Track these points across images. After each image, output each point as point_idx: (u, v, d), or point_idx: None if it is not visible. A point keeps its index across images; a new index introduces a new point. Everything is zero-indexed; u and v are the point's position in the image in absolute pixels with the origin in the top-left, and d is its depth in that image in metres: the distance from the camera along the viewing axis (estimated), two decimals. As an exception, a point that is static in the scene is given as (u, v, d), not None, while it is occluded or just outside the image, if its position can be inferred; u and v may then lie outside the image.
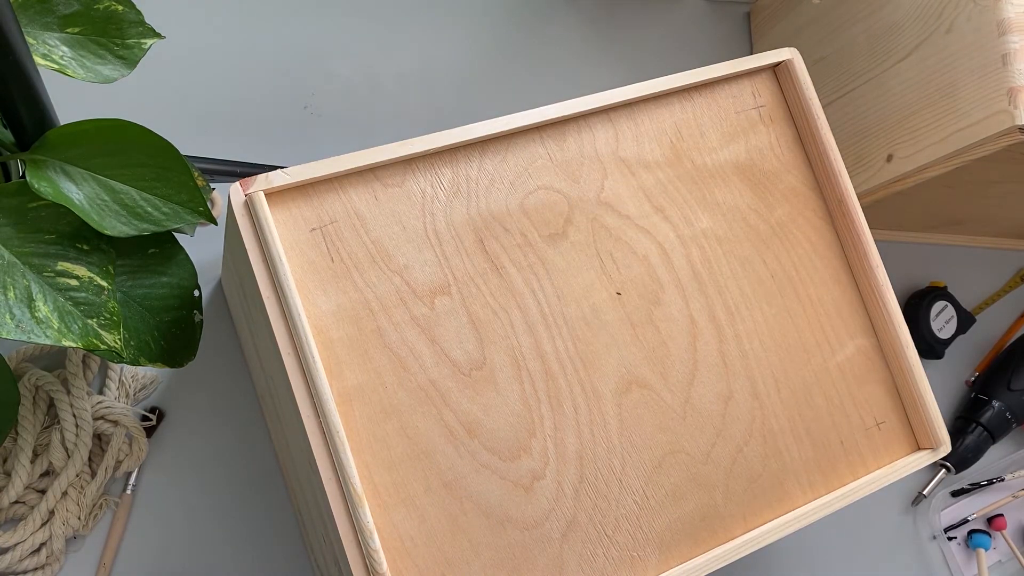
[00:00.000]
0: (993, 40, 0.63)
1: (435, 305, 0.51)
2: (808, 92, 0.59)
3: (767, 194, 0.59)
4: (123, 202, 0.48)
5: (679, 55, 0.91)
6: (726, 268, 0.57)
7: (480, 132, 0.52)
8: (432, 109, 0.82)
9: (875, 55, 0.76)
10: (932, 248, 0.94)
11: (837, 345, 0.60)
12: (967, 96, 0.65)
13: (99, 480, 0.64)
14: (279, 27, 0.80)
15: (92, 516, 0.64)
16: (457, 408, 0.50)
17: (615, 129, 0.56)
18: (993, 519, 0.89)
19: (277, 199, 0.48)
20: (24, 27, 0.49)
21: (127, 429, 0.66)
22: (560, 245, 0.54)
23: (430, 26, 0.84)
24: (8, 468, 0.63)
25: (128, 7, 0.52)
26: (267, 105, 0.77)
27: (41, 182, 0.46)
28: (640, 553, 0.53)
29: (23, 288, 0.45)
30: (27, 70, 0.44)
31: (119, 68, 0.53)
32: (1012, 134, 0.61)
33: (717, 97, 0.59)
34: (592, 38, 0.89)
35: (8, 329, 0.44)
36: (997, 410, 0.88)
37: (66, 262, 0.46)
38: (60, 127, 0.47)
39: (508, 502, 0.50)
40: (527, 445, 0.51)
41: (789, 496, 0.57)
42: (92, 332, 0.46)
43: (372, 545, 0.45)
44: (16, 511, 0.64)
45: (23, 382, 0.64)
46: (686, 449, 0.55)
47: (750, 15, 0.96)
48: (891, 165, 0.73)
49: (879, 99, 0.76)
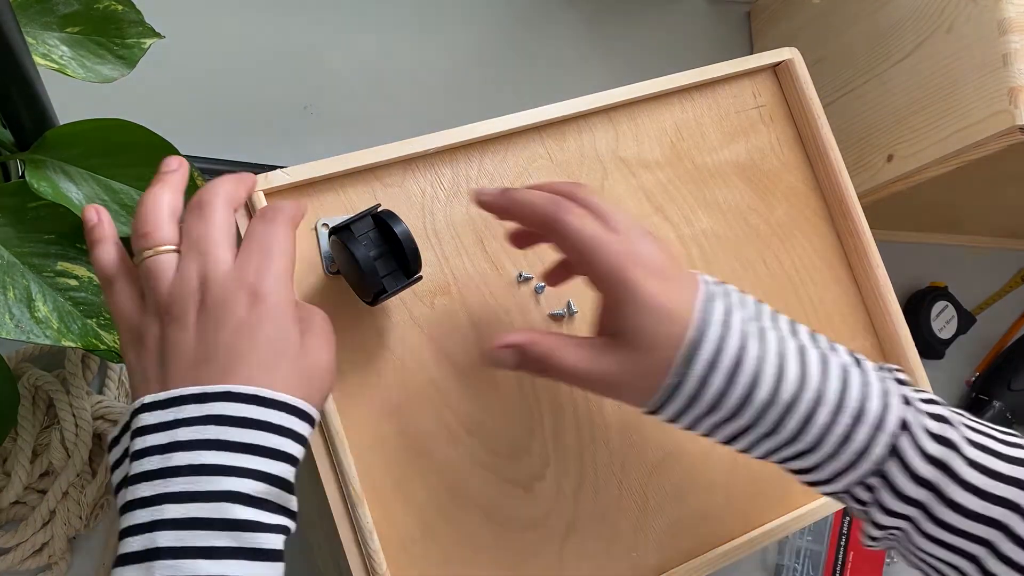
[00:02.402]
0: (993, 40, 0.63)
1: (435, 305, 0.51)
2: (808, 92, 0.59)
3: (767, 194, 0.59)
4: (122, 202, 0.48)
5: (679, 55, 0.91)
6: (726, 268, 0.57)
7: (480, 132, 0.52)
8: (432, 109, 0.82)
9: (875, 55, 0.76)
10: (932, 248, 0.94)
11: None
12: (967, 96, 0.65)
13: (99, 480, 0.64)
14: (279, 27, 0.80)
15: (93, 516, 0.64)
16: (457, 408, 0.50)
17: (615, 129, 0.56)
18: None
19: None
20: (24, 27, 0.49)
21: (127, 429, 0.66)
22: (560, 245, 0.54)
23: (430, 26, 0.84)
24: (8, 468, 0.63)
25: (128, 7, 0.52)
26: (267, 105, 0.77)
27: (40, 182, 0.46)
28: (640, 553, 0.53)
29: (23, 288, 0.45)
30: (26, 70, 0.44)
31: (119, 68, 0.53)
32: (1012, 134, 0.61)
33: (717, 97, 0.59)
34: (592, 38, 0.89)
35: (8, 329, 0.44)
36: (998, 410, 0.88)
37: (66, 262, 0.46)
38: (60, 127, 0.47)
39: (508, 502, 0.50)
40: (527, 445, 0.51)
41: (790, 496, 0.57)
42: (91, 332, 0.46)
43: (372, 545, 0.45)
44: (17, 512, 0.64)
45: (23, 382, 0.64)
46: (686, 449, 0.54)
47: (750, 15, 0.96)
48: (891, 165, 0.73)
49: (879, 99, 0.76)
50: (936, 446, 0.42)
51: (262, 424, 0.36)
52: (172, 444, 0.35)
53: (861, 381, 0.42)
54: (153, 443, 0.36)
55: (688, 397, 0.41)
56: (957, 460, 0.41)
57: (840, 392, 0.41)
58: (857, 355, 0.44)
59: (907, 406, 0.42)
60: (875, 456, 0.41)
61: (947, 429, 0.42)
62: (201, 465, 0.35)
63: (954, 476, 0.41)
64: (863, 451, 0.42)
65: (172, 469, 0.35)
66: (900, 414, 0.42)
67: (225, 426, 0.36)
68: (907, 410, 0.42)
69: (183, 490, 0.35)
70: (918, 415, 0.42)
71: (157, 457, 0.35)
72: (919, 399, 0.43)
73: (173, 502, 0.35)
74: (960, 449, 0.42)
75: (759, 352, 0.41)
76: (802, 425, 0.41)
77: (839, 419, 0.41)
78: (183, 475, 0.35)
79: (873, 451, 0.41)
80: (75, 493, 0.63)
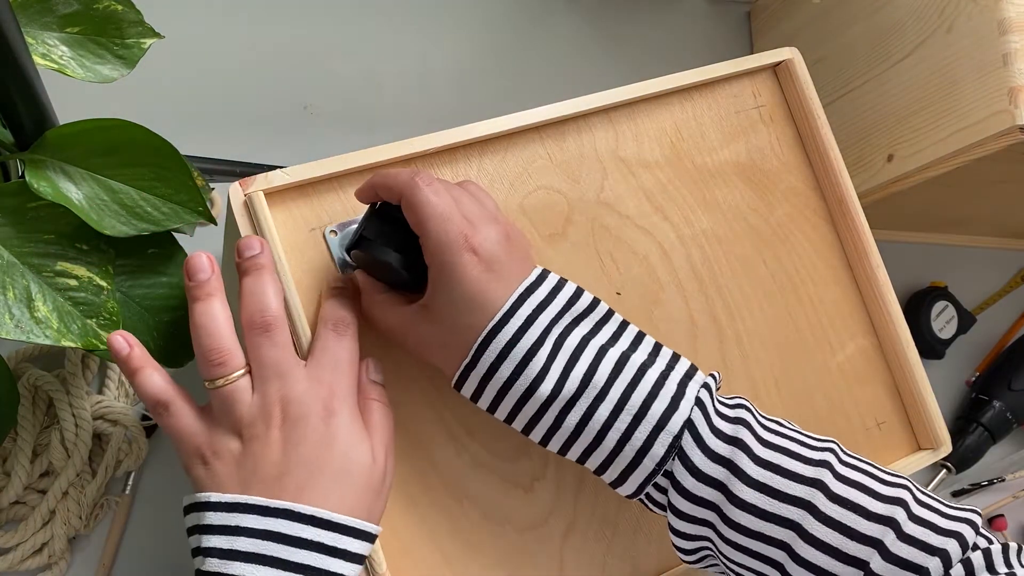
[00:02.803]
0: (994, 40, 0.63)
1: (435, 305, 0.51)
2: (808, 92, 0.59)
3: (767, 194, 0.59)
4: (122, 202, 0.48)
5: (679, 55, 0.91)
6: (726, 268, 0.57)
7: (480, 132, 0.52)
8: (432, 109, 0.81)
9: (875, 55, 0.76)
10: (932, 248, 0.94)
11: (837, 345, 0.60)
12: (967, 96, 0.65)
13: (99, 480, 0.64)
14: (279, 27, 0.80)
15: (93, 516, 0.64)
16: (457, 409, 0.50)
17: (615, 129, 0.56)
18: (993, 519, 0.88)
19: (277, 199, 0.48)
20: (24, 27, 0.49)
21: (127, 429, 0.66)
22: (560, 245, 0.54)
23: (430, 26, 0.84)
24: (8, 468, 0.63)
25: (127, 7, 0.52)
26: (267, 105, 0.77)
27: (40, 182, 0.46)
28: (640, 553, 0.53)
29: (22, 288, 0.45)
30: (26, 70, 0.44)
31: (118, 68, 0.53)
32: (1013, 134, 0.61)
33: (717, 97, 0.59)
34: (592, 38, 0.89)
35: (7, 329, 0.44)
36: (998, 410, 0.87)
37: (65, 262, 0.46)
38: (59, 127, 0.47)
39: (508, 502, 0.50)
40: (527, 446, 0.51)
41: (789, 496, 0.57)
42: (91, 332, 0.46)
43: (372, 545, 0.45)
44: (17, 512, 0.64)
45: (22, 382, 0.64)
46: (686, 449, 0.55)
47: (750, 15, 0.95)
48: (891, 165, 0.73)
49: (879, 99, 0.76)
50: (724, 445, 0.43)
51: (316, 546, 0.40)
52: (232, 552, 0.39)
53: (653, 384, 0.44)
54: (215, 545, 0.39)
55: (479, 379, 0.44)
56: (744, 459, 0.43)
57: (625, 392, 0.43)
58: (677, 364, 0.45)
59: (700, 409, 0.44)
60: (656, 454, 0.43)
61: (740, 430, 0.43)
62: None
63: (741, 475, 0.42)
64: (644, 449, 0.43)
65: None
66: (688, 415, 0.43)
67: (282, 544, 0.39)
68: (697, 413, 0.44)
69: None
70: (709, 417, 0.44)
71: (216, 561, 0.39)
72: (719, 402, 0.45)
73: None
74: (750, 449, 0.43)
75: (551, 350, 0.43)
76: (582, 420, 0.43)
77: (619, 416, 0.43)
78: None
79: (654, 449, 0.43)
80: (75, 493, 0.63)
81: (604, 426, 0.43)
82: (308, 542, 0.40)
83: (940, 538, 0.41)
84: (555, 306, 0.44)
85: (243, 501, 0.40)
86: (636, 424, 0.43)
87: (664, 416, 0.43)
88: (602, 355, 0.44)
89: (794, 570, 0.42)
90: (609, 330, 0.46)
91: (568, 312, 0.45)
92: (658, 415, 0.43)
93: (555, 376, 0.43)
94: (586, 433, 0.44)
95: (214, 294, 0.43)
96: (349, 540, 0.41)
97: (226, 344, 0.42)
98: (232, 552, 0.39)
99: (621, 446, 0.44)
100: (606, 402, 0.43)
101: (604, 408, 0.43)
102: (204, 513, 0.40)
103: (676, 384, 0.44)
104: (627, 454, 0.44)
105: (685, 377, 0.45)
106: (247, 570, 0.39)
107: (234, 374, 0.42)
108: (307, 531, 0.40)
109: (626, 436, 0.43)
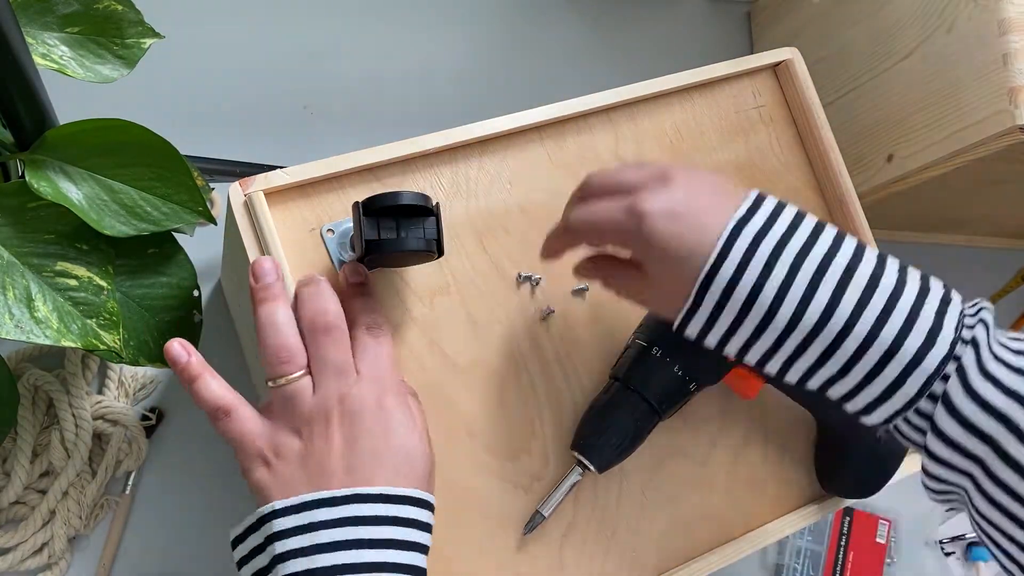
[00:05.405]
0: (994, 40, 0.63)
1: (435, 305, 0.51)
2: (808, 92, 0.59)
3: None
4: (122, 202, 0.48)
5: (679, 55, 0.91)
6: (726, 268, 0.57)
7: (480, 132, 0.52)
8: (432, 109, 0.82)
9: (875, 55, 0.76)
10: (932, 248, 0.94)
11: (837, 345, 0.60)
12: (968, 96, 0.65)
13: (99, 480, 0.64)
14: (279, 27, 0.80)
15: (93, 516, 0.64)
16: (457, 408, 0.50)
17: (615, 129, 0.56)
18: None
19: (277, 199, 0.48)
20: (24, 27, 0.49)
21: (127, 429, 0.66)
22: (560, 245, 0.54)
23: (430, 26, 0.84)
24: (8, 468, 0.63)
25: (128, 7, 0.52)
26: (267, 105, 0.77)
27: (40, 182, 0.46)
28: (640, 553, 0.53)
29: (22, 288, 0.45)
30: (26, 70, 0.44)
31: (118, 68, 0.53)
32: (1012, 134, 0.61)
33: (717, 97, 0.59)
34: (592, 38, 0.89)
35: (7, 329, 0.44)
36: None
37: (65, 262, 0.46)
38: (59, 127, 0.47)
39: (508, 502, 0.50)
40: (527, 446, 0.51)
41: (790, 496, 0.57)
42: (91, 332, 0.46)
43: (372, 545, 0.45)
44: (17, 512, 0.64)
45: (22, 382, 0.64)
46: (686, 450, 0.54)
47: (750, 15, 0.95)
48: (891, 165, 0.73)
49: (879, 99, 0.76)
50: (1000, 396, 0.38)
51: (393, 520, 0.41)
52: (314, 547, 0.40)
53: (907, 316, 0.39)
54: (294, 547, 0.40)
55: (705, 320, 0.42)
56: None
57: (875, 325, 0.39)
58: (932, 285, 0.41)
59: (973, 347, 0.39)
60: (909, 393, 0.39)
61: (1020, 382, 0.38)
62: (344, 564, 0.39)
63: (1020, 432, 0.37)
64: (895, 386, 0.39)
65: (318, 571, 0.39)
66: (946, 351, 0.39)
67: (361, 526, 0.40)
68: (969, 351, 0.39)
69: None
70: (981, 360, 0.39)
71: (301, 560, 0.39)
72: (997, 342, 0.40)
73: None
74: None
75: (784, 278, 0.40)
76: (826, 351, 0.40)
77: (868, 351, 0.39)
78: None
79: (906, 388, 0.39)
80: (75, 493, 0.63)
81: (851, 359, 0.40)
82: (385, 518, 0.41)
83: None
84: (781, 228, 0.41)
85: (313, 498, 0.41)
86: (887, 360, 0.39)
87: (918, 354, 0.39)
88: (846, 280, 0.40)
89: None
90: (849, 249, 0.41)
91: (798, 231, 0.41)
92: (911, 353, 0.39)
93: (791, 307, 0.40)
94: (830, 365, 0.40)
95: (280, 296, 0.44)
96: (419, 511, 0.42)
97: (292, 342, 0.43)
98: (315, 547, 0.40)
99: (867, 380, 0.40)
100: (852, 336, 0.39)
101: (850, 342, 0.39)
102: (272, 522, 0.40)
103: (933, 317, 0.39)
104: (875, 389, 0.40)
105: (942, 304, 0.40)
106: (335, 558, 0.39)
107: (297, 373, 0.43)
108: (380, 508, 0.41)
109: (874, 372, 0.40)
